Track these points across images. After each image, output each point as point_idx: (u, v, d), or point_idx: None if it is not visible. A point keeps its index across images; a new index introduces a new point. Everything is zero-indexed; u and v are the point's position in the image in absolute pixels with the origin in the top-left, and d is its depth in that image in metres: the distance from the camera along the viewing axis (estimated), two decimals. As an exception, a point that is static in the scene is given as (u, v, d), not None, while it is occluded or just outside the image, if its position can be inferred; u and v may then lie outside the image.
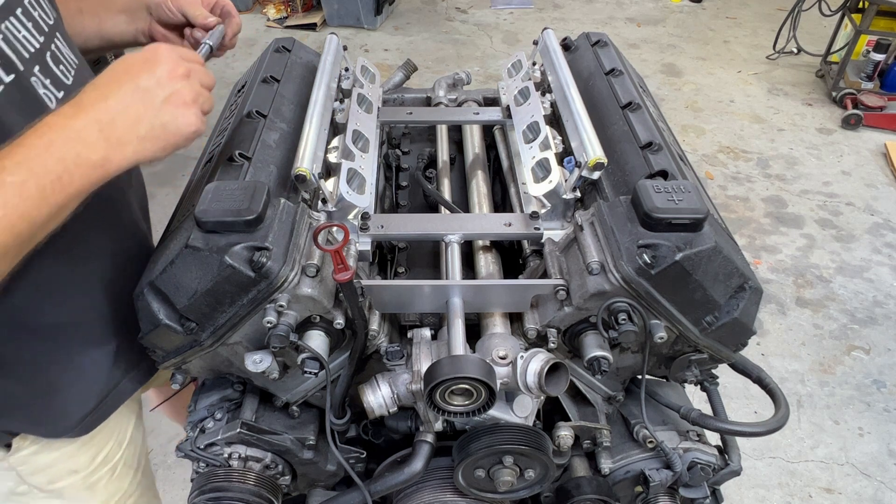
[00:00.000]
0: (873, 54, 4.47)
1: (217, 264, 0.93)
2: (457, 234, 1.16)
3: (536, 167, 1.17)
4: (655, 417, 1.22)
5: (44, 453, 1.15)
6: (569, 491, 1.15)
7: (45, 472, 1.18)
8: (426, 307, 1.07)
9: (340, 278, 0.91)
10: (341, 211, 1.10)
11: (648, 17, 6.10)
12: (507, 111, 1.43)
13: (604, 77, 1.39)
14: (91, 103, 0.82)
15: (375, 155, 1.30)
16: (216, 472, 1.12)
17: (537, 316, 1.05)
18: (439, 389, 0.93)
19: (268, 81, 1.35)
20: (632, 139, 1.19)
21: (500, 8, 6.19)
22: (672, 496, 1.19)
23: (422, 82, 2.15)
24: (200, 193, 1.00)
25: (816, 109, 4.76)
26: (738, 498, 2.41)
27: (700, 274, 0.96)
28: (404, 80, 1.71)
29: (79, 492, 1.24)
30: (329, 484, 1.27)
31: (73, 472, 1.21)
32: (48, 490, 1.20)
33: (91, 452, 1.22)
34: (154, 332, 1.00)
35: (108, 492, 1.29)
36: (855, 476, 2.51)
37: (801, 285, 3.34)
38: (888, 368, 2.92)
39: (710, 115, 4.67)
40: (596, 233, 1.03)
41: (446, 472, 1.13)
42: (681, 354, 1.09)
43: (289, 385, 1.13)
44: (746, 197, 3.93)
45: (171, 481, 2.38)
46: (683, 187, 1.00)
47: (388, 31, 5.80)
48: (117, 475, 1.29)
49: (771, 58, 5.34)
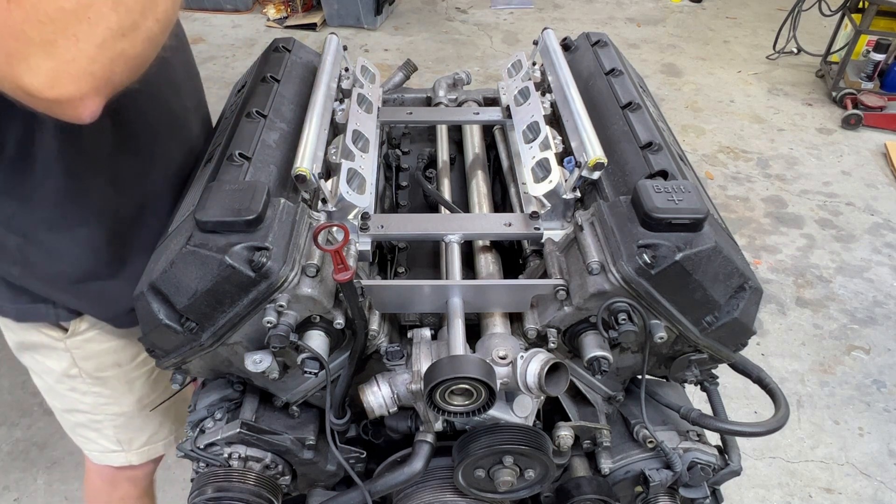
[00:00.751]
0: (873, 54, 4.47)
1: (217, 264, 0.93)
2: (457, 234, 1.16)
3: (536, 167, 1.17)
4: (655, 417, 1.22)
5: (94, 343, 1.36)
6: (569, 491, 1.15)
7: (94, 360, 1.39)
8: (426, 307, 1.07)
9: (340, 278, 0.91)
10: (341, 211, 1.10)
11: (648, 17, 6.10)
12: (507, 111, 1.43)
13: (604, 77, 1.39)
14: None
15: (375, 155, 1.30)
16: (216, 472, 1.12)
17: (537, 316, 1.05)
18: (439, 389, 0.93)
19: (268, 81, 1.35)
20: (632, 139, 1.19)
21: (500, 8, 6.19)
22: (672, 496, 1.19)
23: (422, 82, 2.16)
24: (200, 193, 1.00)
25: (816, 109, 4.76)
26: (738, 498, 2.41)
27: (700, 274, 0.96)
28: (404, 81, 1.71)
29: (120, 384, 1.45)
30: (329, 484, 1.27)
31: (117, 365, 1.41)
32: (95, 377, 1.41)
33: (134, 351, 1.41)
34: (154, 331, 1.00)
35: (143, 391, 1.49)
36: (855, 476, 2.51)
37: (801, 285, 3.34)
38: (888, 368, 2.92)
39: (710, 115, 4.67)
40: (596, 233, 1.03)
41: (446, 472, 1.13)
42: (681, 354, 1.09)
43: (289, 385, 1.13)
44: (746, 197, 3.93)
45: (171, 481, 2.38)
46: (683, 187, 1.00)
47: (388, 31, 5.80)
48: (154, 379, 1.49)
49: (771, 58, 5.34)
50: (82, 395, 1.45)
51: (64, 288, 1.25)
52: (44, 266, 1.20)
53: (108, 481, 1.67)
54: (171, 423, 1.60)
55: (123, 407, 1.49)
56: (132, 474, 1.65)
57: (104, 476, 1.66)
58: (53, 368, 1.40)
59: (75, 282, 1.24)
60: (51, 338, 1.34)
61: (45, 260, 1.19)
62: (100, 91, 0.83)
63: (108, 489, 1.70)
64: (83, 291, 1.26)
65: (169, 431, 1.61)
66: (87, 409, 1.48)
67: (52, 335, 1.34)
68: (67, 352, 1.36)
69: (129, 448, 1.57)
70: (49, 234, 1.17)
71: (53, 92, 0.79)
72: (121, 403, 1.48)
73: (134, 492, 1.70)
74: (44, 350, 1.38)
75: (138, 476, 1.66)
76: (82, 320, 1.33)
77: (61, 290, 1.25)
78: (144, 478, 1.69)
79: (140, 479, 1.68)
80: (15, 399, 2.70)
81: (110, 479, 1.66)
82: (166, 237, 1.08)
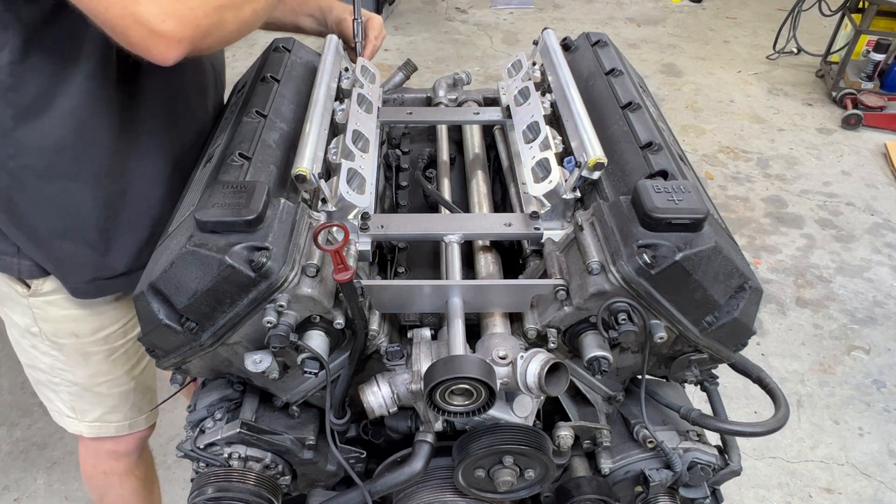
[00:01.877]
0: (873, 54, 4.47)
1: (217, 264, 0.93)
2: (457, 234, 1.16)
3: (536, 167, 1.17)
4: (655, 417, 1.22)
5: (55, 307, 1.37)
6: (569, 491, 1.15)
7: (52, 324, 1.40)
8: (426, 307, 1.07)
9: (340, 278, 0.91)
10: (341, 211, 1.10)
11: (648, 17, 6.10)
12: (507, 111, 1.43)
13: (604, 77, 1.39)
14: None
15: (375, 155, 1.30)
16: (216, 472, 1.11)
17: (537, 316, 1.05)
18: (439, 389, 0.93)
19: (267, 81, 1.35)
20: (632, 139, 1.19)
21: (500, 8, 6.19)
22: (672, 496, 1.19)
23: (422, 82, 2.15)
24: (200, 193, 1.00)
25: (816, 109, 4.76)
26: (738, 498, 2.41)
27: (700, 274, 0.96)
28: (404, 81, 1.71)
29: (76, 354, 1.45)
30: (329, 484, 1.27)
31: (74, 335, 1.42)
32: (52, 341, 1.43)
33: (93, 325, 1.42)
34: (154, 331, 1.00)
35: (99, 368, 1.49)
36: (855, 476, 2.51)
37: (801, 285, 3.34)
38: (888, 368, 2.92)
39: (710, 115, 4.67)
40: (596, 233, 1.03)
41: (446, 472, 1.13)
42: (681, 354, 1.09)
43: (289, 385, 1.13)
44: (746, 197, 3.93)
45: (171, 481, 2.38)
46: (683, 187, 1.00)
47: (388, 31, 5.73)
48: (113, 359, 1.49)
49: (771, 58, 5.34)
50: (42, 354, 1.47)
51: (37, 240, 1.26)
52: (25, 212, 1.22)
53: (92, 453, 1.68)
54: (126, 410, 1.59)
55: (77, 378, 1.49)
56: (111, 448, 1.65)
57: (87, 448, 1.67)
58: (17, 323, 1.44)
59: (49, 236, 1.25)
60: (15, 291, 1.36)
61: (28, 206, 1.22)
62: (195, 42, 0.94)
63: (92, 461, 1.71)
64: (54, 249, 1.27)
65: (123, 417, 1.59)
66: (45, 368, 1.50)
67: (17, 289, 1.36)
68: (30, 309, 1.38)
69: (81, 418, 1.57)
70: (38, 182, 1.19)
71: (163, 25, 0.90)
72: (75, 374, 1.49)
73: (118, 467, 1.69)
74: (10, 303, 1.41)
75: (119, 451, 1.66)
76: (45, 281, 1.34)
77: (34, 241, 1.27)
78: (127, 454, 1.67)
79: (122, 454, 1.67)
80: (15, 399, 2.70)
81: (93, 450, 1.67)
82: (166, 237, 1.08)
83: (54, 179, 1.20)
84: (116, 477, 1.71)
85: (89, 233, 1.27)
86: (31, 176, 1.19)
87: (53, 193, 1.21)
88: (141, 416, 1.62)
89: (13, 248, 1.29)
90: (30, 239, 1.26)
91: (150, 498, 1.84)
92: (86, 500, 2.37)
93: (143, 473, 1.77)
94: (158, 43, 0.92)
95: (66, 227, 1.25)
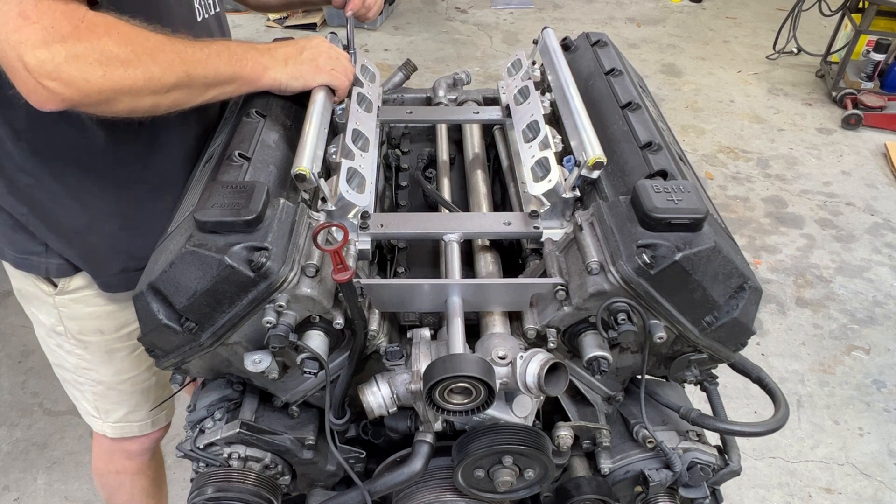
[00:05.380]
0: (873, 54, 4.47)
1: (216, 264, 0.93)
2: (456, 233, 1.15)
3: (536, 166, 1.17)
4: (655, 417, 1.22)
5: (81, 304, 1.39)
6: (568, 491, 1.15)
7: (78, 322, 1.42)
8: (426, 306, 1.07)
9: (340, 278, 0.90)
10: (341, 210, 1.10)
11: (648, 17, 6.10)
12: (507, 110, 1.43)
13: (603, 77, 1.39)
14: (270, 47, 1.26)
15: (375, 154, 1.30)
16: (216, 471, 1.11)
17: (537, 316, 1.05)
18: (438, 388, 0.93)
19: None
20: (631, 139, 1.19)
21: (500, 8, 6.19)
22: (672, 496, 1.19)
23: (422, 82, 2.15)
24: (200, 193, 1.00)
25: (816, 109, 4.76)
26: (738, 498, 2.41)
27: (699, 274, 0.96)
28: (404, 80, 1.71)
29: (100, 352, 1.47)
30: (329, 484, 1.27)
31: (100, 332, 1.44)
32: (78, 339, 1.45)
33: (118, 322, 1.44)
34: (154, 331, 1.00)
35: (123, 365, 1.51)
36: (855, 476, 2.51)
37: (801, 285, 3.34)
38: (888, 368, 2.92)
39: (710, 115, 4.67)
40: (595, 233, 1.03)
41: (446, 472, 1.13)
42: (680, 354, 1.08)
43: (288, 385, 1.13)
44: (746, 197, 3.93)
45: (171, 481, 2.36)
46: (683, 187, 1.00)
47: (388, 31, 5.79)
48: (136, 355, 1.50)
49: (771, 58, 5.34)
50: (67, 353, 1.49)
51: (65, 236, 1.29)
52: (50, 210, 1.26)
53: (106, 451, 1.69)
54: (147, 407, 1.61)
55: (102, 376, 1.51)
56: (125, 448, 1.66)
57: (102, 445, 1.69)
58: (44, 322, 1.46)
59: (76, 231, 1.28)
60: (42, 291, 1.39)
61: (52, 204, 1.25)
62: (79, 106, 0.99)
63: (105, 459, 1.72)
64: (82, 244, 1.30)
65: (146, 415, 1.61)
66: (70, 368, 1.52)
67: (43, 289, 1.38)
68: (55, 308, 1.41)
69: (105, 419, 1.59)
70: (57, 179, 1.23)
71: (51, 83, 0.93)
72: (100, 372, 1.51)
73: (131, 466, 1.71)
74: (36, 302, 1.44)
75: (132, 451, 1.67)
76: (71, 280, 1.36)
77: (63, 238, 1.29)
78: (141, 454, 1.69)
79: (136, 454, 1.69)
80: (15, 399, 2.70)
81: (107, 449, 1.68)
82: (166, 237, 1.08)
83: (73, 176, 1.22)
84: (128, 476, 1.73)
85: (114, 226, 1.30)
86: (49, 174, 1.21)
87: (74, 189, 1.24)
88: (161, 413, 1.65)
89: (41, 248, 1.31)
90: (59, 236, 1.29)
91: (159, 497, 1.85)
92: (86, 500, 2.37)
93: (154, 473, 1.79)
94: (40, 94, 0.95)
95: (91, 221, 1.28)
